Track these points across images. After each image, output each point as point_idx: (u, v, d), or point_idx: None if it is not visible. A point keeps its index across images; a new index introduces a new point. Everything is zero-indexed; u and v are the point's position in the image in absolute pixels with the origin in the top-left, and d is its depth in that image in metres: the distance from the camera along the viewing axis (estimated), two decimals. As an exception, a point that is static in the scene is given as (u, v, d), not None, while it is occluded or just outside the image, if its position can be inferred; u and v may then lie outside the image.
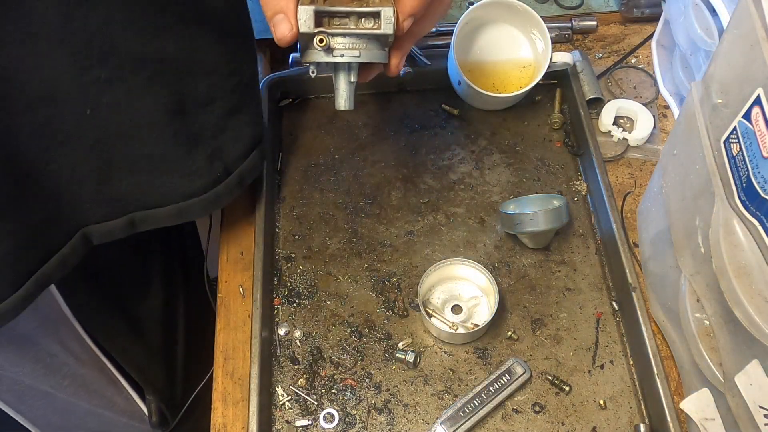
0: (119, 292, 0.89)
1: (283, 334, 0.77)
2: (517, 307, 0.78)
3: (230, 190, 0.72)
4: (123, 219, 0.68)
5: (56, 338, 0.78)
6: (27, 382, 0.79)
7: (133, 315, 0.92)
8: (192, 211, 0.70)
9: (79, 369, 0.83)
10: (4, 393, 0.80)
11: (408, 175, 0.87)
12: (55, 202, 0.62)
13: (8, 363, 0.75)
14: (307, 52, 0.61)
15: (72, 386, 0.84)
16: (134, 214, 0.68)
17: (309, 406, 0.73)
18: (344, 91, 0.64)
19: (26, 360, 0.76)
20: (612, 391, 0.73)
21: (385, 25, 0.58)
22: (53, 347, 0.78)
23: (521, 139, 0.90)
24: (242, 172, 0.73)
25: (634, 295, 0.74)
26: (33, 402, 0.84)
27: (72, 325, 0.78)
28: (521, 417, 0.72)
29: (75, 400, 0.87)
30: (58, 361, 0.79)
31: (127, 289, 0.91)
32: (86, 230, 0.67)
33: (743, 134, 0.52)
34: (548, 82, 0.92)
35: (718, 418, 0.63)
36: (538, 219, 0.76)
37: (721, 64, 0.58)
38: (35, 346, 0.76)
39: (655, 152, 0.87)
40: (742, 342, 0.54)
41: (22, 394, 0.81)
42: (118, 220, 0.68)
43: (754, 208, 0.51)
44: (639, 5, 0.98)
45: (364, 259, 0.81)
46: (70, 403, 0.87)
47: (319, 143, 0.90)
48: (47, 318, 0.75)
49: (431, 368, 0.75)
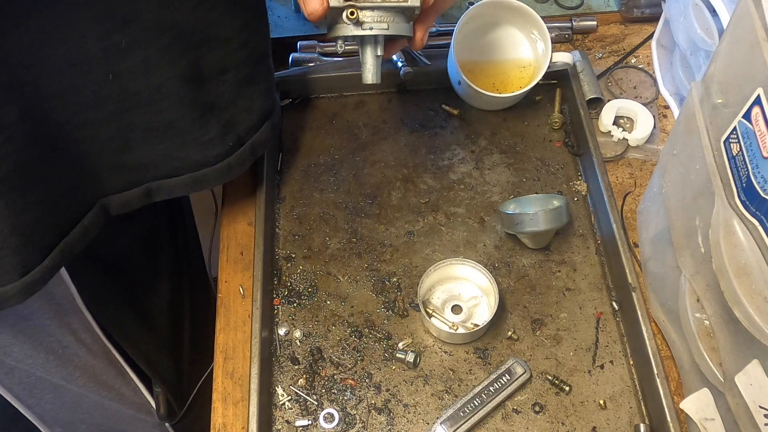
0: (130, 284, 0.90)
1: (283, 334, 0.77)
2: (517, 307, 0.78)
3: (242, 160, 0.74)
4: (139, 189, 0.69)
5: (69, 329, 0.79)
6: (39, 374, 0.80)
7: (143, 306, 0.93)
8: (206, 181, 0.72)
9: (89, 360, 0.84)
10: (15, 386, 0.81)
11: (408, 175, 0.87)
12: (76, 173, 0.64)
13: (23, 355, 0.76)
14: (336, 26, 0.62)
15: (82, 378, 0.85)
16: (150, 183, 0.70)
17: (309, 406, 0.73)
18: (371, 65, 0.66)
19: (40, 351, 0.77)
20: (612, 391, 0.73)
21: None
22: (66, 338, 0.79)
23: (521, 139, 0.90)
24: (254, 143, 0.74)
25: (634, 295, 0.74)
26: (42, 395, 0.85)
27: (84, 317, 0.80)
28: (521, 417, 0.72)
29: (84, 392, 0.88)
30: (69, 352, 0.81)
31: (138, 280, 0.92)
32: (104, 201, 0.68)
33: (743, 134, 0.52)
34: (548, 82, 0.92)
35: (718, 418, 0.63)
36: (538, 219, 0.76)
37: (721, 64, 0.58)
38: (49, 337, 0.77)
39: (655, 152, 0.87)
40: (742, 342, 0.54)
41: (33, 386, 0.83)
42: (134, 189, 0.69)
43: (754, 208, 0.51)
44: (639, 5, 0.98)
45: (364, 259, 0.81)
46: (79, 395, 0.88)
47: (319, 143, 0.90)
48: (61, 309, 0.76)
49: (431, 368, 0.75)
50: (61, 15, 0.53)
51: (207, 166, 0.71)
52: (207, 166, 0.71)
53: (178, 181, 0.71)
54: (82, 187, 0.65)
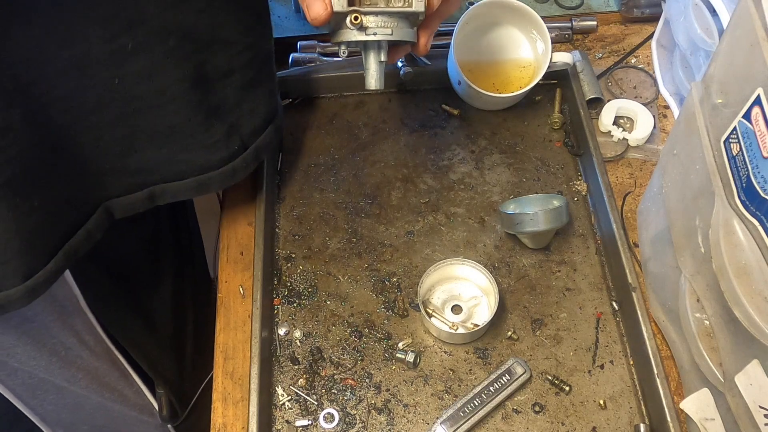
0: (133, 286, 0.90)
1: (283, 334, 0.77)
2: (517, 307, 0.78)
3: (247, 164, 0.74)
4: (144, 192, 0.69)
5: (72, 331, 0.79)
6: (41, 375, 0.80)
7: (146, 309, 0.93)
8: (210, 185, 0.72)
9: (92, 362, 0.84)
10: (18, 387, 0.81)
11: (408, 175, 0.87)
12: (80, 176, 0.63)
13: (26, 356, 0.76)
14: (339, 32, 0.62)
15: (85, 379, 0.85)
16: (154, 187, 0.70)
17: (309, 406, 0.73)
18: (375, 71, 0.65)
19: (43, 353, 0.77)
20: (612, 391, 0.73)
21: (416, 3, 0.59)
22: (69, 340, 0.79)
23: (521, 139, 0.90)
24: (258, 146, 0.74)
25: (634, 295, 0.74)
26: (45, 396, 0.85)
27: (87, 318, 0.80)
28: (521, 417, 0.72)
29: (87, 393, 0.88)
30: (72, 353, 0.81)
31: (141, 282, 0.92)
32: (108, 204, 0.68)
33: (743, 134, 0.52)
34: (548, 82, 0.92)
35: (718, 418, 0.63)
36: (538, 219, 0.76)
37: (721, 64, 0.58)
38: (52, 339, 0.77)
39: (655, 152, 0.87)
40: (742, 342, 0.54)
41: (35, 388, 0.82)
42: (138, 193, 0.69)
43: (754, 208, 0.51)
44: (639, 5, 0.98)
45: (364, 259, 0.81)
46: (82, 396, 0.88)
47: (319, 143, 0.90)
48: (64, 310, 0.76)
49: (431, 368, 0.75)
50: (67, 17, 0.53)
51: (211, 170, 0.71)
52: (211, 169, 0.71)
53: (182, 184, 0.71)
54: (85, 190, 0.65)
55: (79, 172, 0.63)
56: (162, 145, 0.66)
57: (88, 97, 0.59)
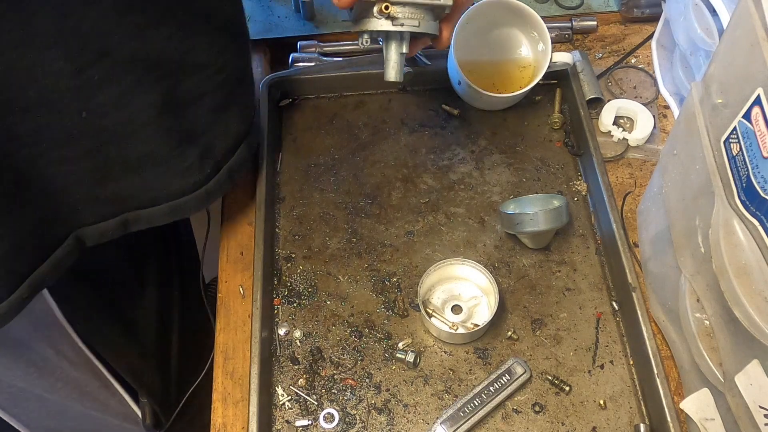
0: (113, 297, 0.88)
1: (283, 334, 0.77)
2: (517, 307, 0.78)
3: (220, 185, 0.73)
4: (116, 219, 0.68)
5: (49, 343, 0.77)
6: (20, 385, 0.79)
7: (128, 319, 0.91)
8: (184, 209, 0.71)
9: (72, 372, 0.83)
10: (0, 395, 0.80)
11: (408, 175, 0.87)
12: (49, 206, 0.62)
13: (2, 367, 0.75)
14: (364, 20, 0.61)
15: (65, 389, 0.83)
16: (128, 214, 0.68)
17: (309, 406, 0.73)
18: (395, 63, 0.64)
19: (19, 364, 0.76)
20: (612, 391, 0.73)
21: None
22: (46, 351, 0.77)
23: (521, 139, 0.90)
24: (231, 167, 0.73)
25: (634, 295, 0.74)
26: (27, 405, 0.84)
27: (65, 330, 0.78)
28: (521, 417, 0.72)
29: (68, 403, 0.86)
30: (51, 365, 0.79)
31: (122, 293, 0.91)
32: (79, 232, 0.67)
33: (743, 134, 0.52)
34: (548, 82, 0.92)
35: (718, 418, 0.62)
36: (538, 219, 0.76)
37: (721, 64, 0.58)
38: (28, 351, 0.76)
39: (655, 152, 0.87)
40: (742, 342, 0.54)
41: (16, 396, 0.81)
42: (111, 220, 0.68)
43: (754, 208, 0.51)
44: (639, 5, 0.98)
45: (364, 259, 0.81)
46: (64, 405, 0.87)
47: (319, 143, 0.90)
48: (40, 323, 0.75)
49: (431, 368, 0.75)
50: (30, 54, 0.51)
51: (185, 195, 0.70)
52: (185, 194, 0.70)
53: (156, 210, 0.69)
54: (55, 219, 0.63)
55: (48, 202, 0.61)
56: (135, 174, 0.65)
57: (56, 132, 0.57)
